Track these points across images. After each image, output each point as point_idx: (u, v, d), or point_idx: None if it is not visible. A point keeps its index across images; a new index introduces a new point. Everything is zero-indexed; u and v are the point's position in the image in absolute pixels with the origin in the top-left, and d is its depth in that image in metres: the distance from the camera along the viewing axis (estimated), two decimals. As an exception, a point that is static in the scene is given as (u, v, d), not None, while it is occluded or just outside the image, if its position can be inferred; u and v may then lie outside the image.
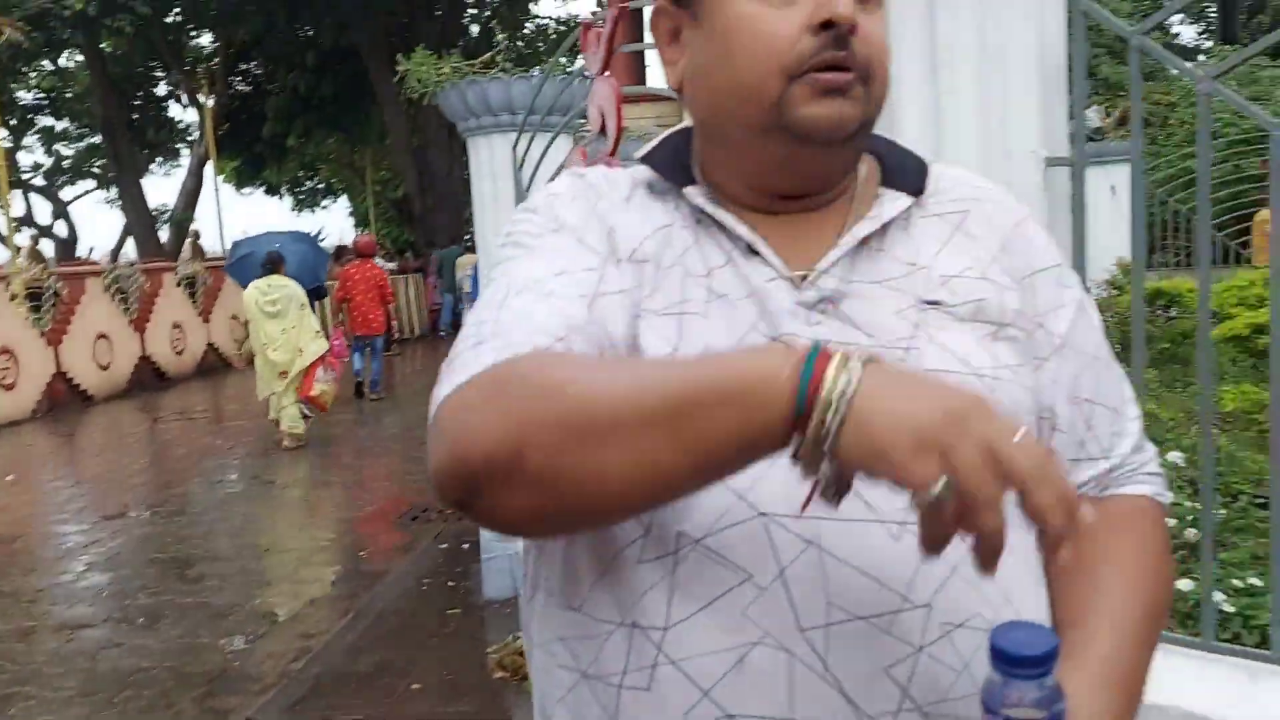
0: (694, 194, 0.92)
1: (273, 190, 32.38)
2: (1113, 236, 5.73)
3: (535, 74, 4.46)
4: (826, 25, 0.82)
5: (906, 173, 0.95)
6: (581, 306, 0.84)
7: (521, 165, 4.12)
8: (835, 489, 0.67)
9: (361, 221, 34.59)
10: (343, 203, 36.81)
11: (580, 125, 3.49)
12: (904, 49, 1.88)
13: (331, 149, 28.29)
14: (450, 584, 5.29)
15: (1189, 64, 2.17)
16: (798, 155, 0.87)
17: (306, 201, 35.06)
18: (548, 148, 3.87)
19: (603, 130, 3.19)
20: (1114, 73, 14.51)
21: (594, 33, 3.24)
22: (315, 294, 11.29)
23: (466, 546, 5.73)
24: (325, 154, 29.08)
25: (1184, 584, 3.16)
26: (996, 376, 0.87)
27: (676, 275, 0.89)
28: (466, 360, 0.80)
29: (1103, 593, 0.87)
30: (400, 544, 6.12)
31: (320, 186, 34.81)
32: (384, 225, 31.00)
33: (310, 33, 22.39)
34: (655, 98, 16.71)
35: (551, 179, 3.70)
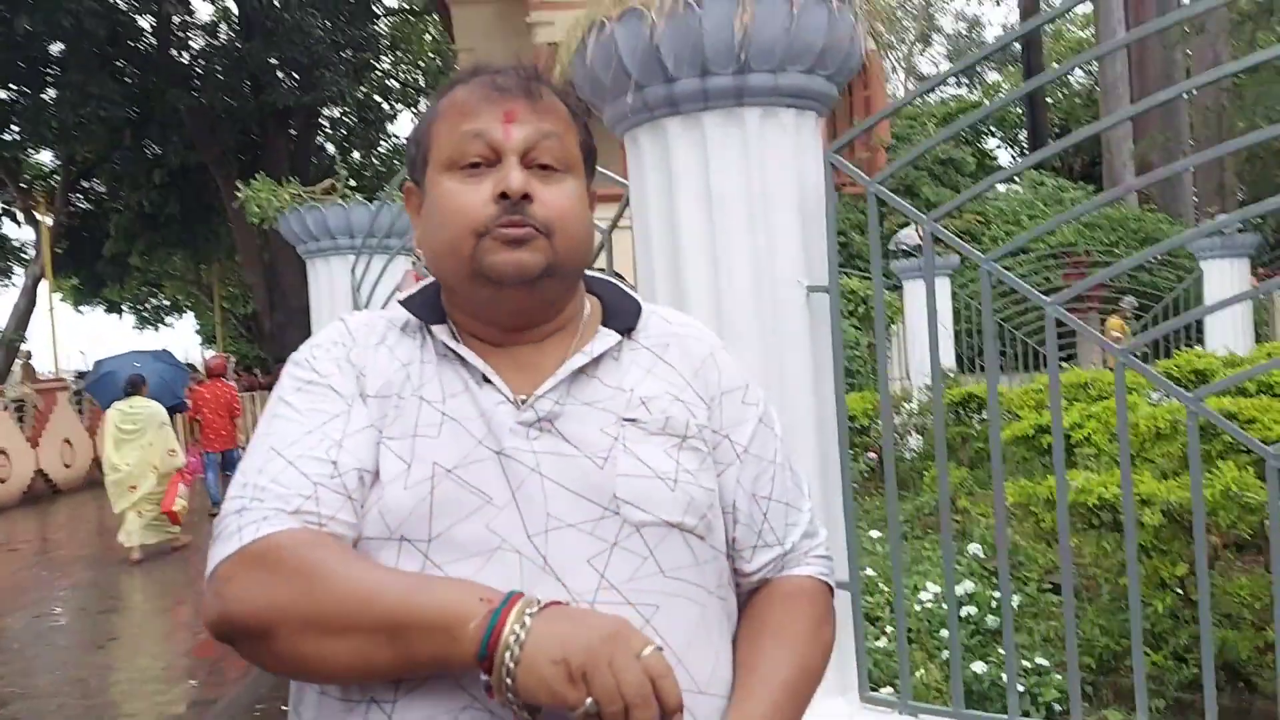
0: (440, 331, 1.11)
1: (114, 308, 31.24)
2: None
3: (375, 202, 4.63)
4: (504, 196, 1.04)
5: (622, 314, 1.17)
6: (326, 463, 1.01)
7: (359, 285, 4.26)
8: (529, 712, 0.88)
9: (209, 339, 33.64)
10: (188, 320, 35.79)
11: (414, 248, 3.66)
12: (683, 197, 2.14)
13: (177, 266, 27.63)
14: (285, 708, 5.15)
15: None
16: (497, 295, 1.07)
17: (150, 319, 33.90)
18: (384, 268, 4.02)
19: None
20: (933, 193, 15.64)
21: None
22: (174, 410, 11.51)
23: (309, 670, 5.60)
24: (170, 271, 28.36)
25: (978, 666, 3.43)
26: (677, 479, 1.06)
27: (413, 404, 1.06)
28: (231, 529, 0.98)
29: (762, 657, 1.07)
30: (237, 667, 5.94)
31: (165, 304, 33.77)
32: (232, 343, 30.24)
33: (158, 151, 22.08)
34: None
35: (386, 300, 3.84)
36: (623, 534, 1.02)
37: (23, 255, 26.64)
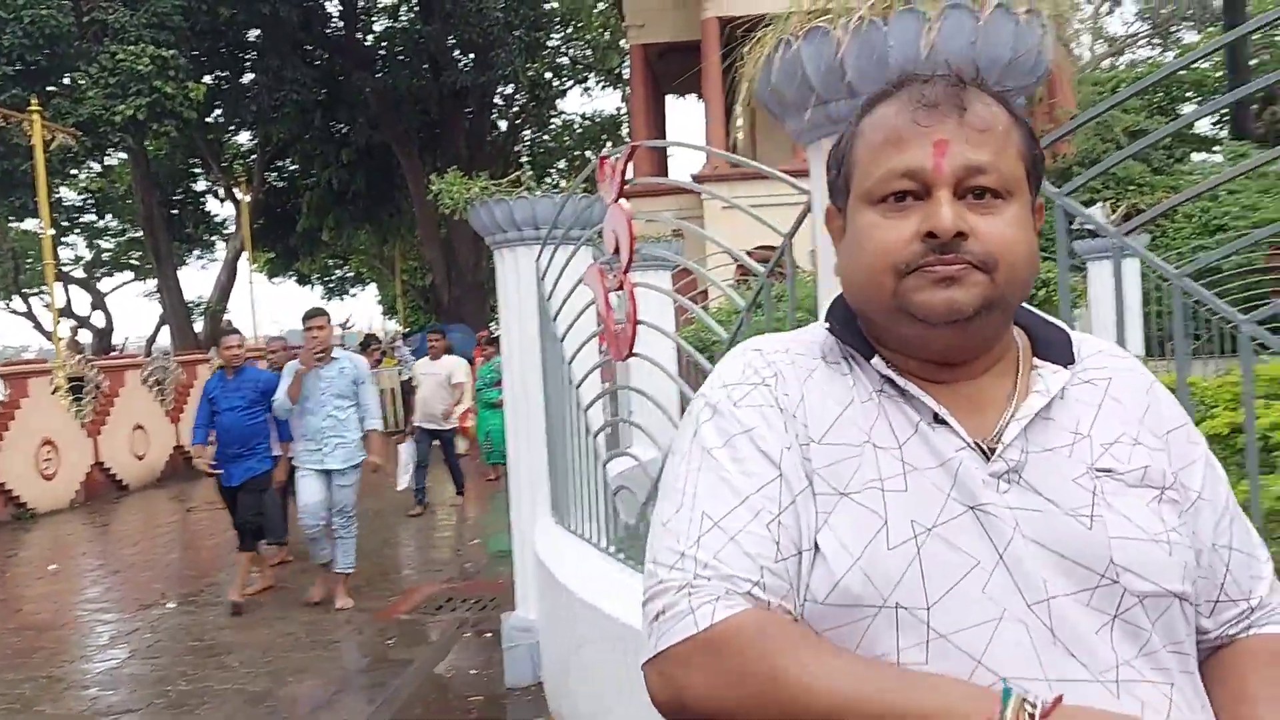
0: (881, 365, 1.02)
1: (304, 280, 33.20)
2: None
3: (557, 195, 4.82)
4: (931, 235, 0.95)
5: (1055, 345, 1.06)
6: (769, 542, 0.94)
7: (544, 276, 4.46)
8: None
9: (390, 309, 35.30)
10: (370, 291, 37.64)
11: (599, 240, 3.82)
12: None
13: (362, 240, 29.08)
14: (473, 672, 5.48)
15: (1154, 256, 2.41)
16: (927, 334, 0.97)
17: (336, 290, 35.87)
18: (569, 259, 4.21)
19: (616, 251, 3.53)
20: (1122, 169, 14.86)
21: (608, 165, 3.59)
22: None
23: (489, 635, 5.94)
24: (356, 245, 29.87)
25: None
26: (1170, 540, 0.96)
27: (869, 452, 0.97)
28: (680, 609, 0.93)
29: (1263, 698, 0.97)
30: (425, 634, 6.34)
31: (349, 275, 35.64)
32: (411, 313, 31.65)
33: (344, 130, 23.28)
34: (677, 190, 17.23)
35: (573, 289, 4.01)
36: (1124, 605, 0.92)
37: (224, 231, 28.64)
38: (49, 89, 16.58)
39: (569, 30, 27.73)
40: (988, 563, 0.92)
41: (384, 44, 24.37)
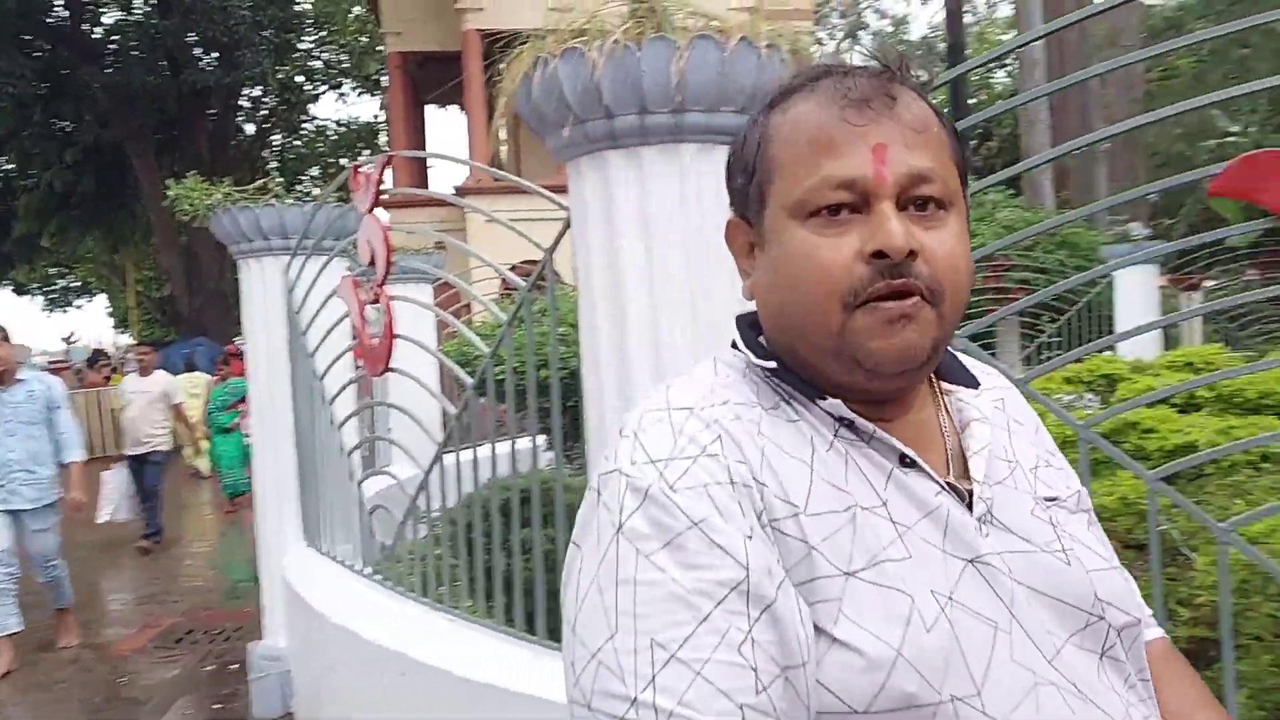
0: (837, 407, 0.85)
1: (21, 290, 30.29)
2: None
3: (297, 190, 4.63)
4: (879, 255, 0.80)
5: (954, 365, 0.96)
6: (745, 670, 0.73)
7: (294, 287, 4.27)
8: None
9: (121, 322, 32.77)
10: (100, 302, 34.84)
11: (354, 251, 3.71)
12: (622, 223, 2.26)
13: (89, 247, 26.88)
14: (217, 706, 5.16)
15: None
16: (869, 383, 0.84)
17: (59, 301, 32.95)
18: (320, 272, 4.05)
19: (372, 263, 3.43)
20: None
21: (362, 175, 3.50)
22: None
23: (234, 667, 5.60)
24: (83, 253, 27.57)
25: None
26: (1118, 565, 0.90)
27: (861, 517, 0.81)
28: None
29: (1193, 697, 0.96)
30: (162, 669, 5.90)
31: (75, 285, 32.83)
32: (146, 326, 29.53)
33: (69, 128, 21.44)
34: (437, 201, 16.98)
35: (325, 301, 3.87)
36: (1108, 641, 0.85)
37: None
38: None
39: (323, 33, 26.82)
40: (1004, 623, 0.80)
41: (115, 37, 22.64)
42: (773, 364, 0.88)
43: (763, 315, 0.91)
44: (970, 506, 0.85)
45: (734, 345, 0.93)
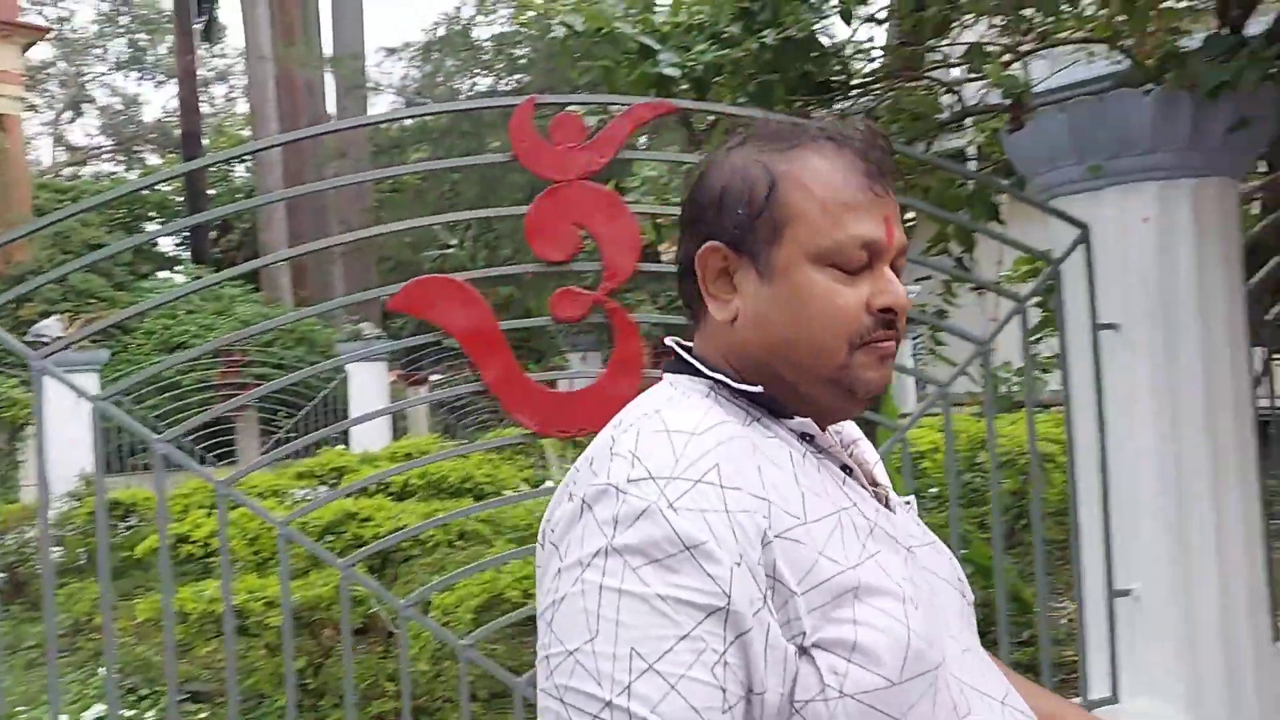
0: (804, 425, 0.96)
1: None
2: (77, 449, 5.72)
3: None
4: (886, 310, 0.94)
5: None
6: (713, 688, 0.80)
7: None
8: None
9: None
10: None
11: None
12: None
13: None
14: None
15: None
16: (847, 406, 0.98)
17: None
18: None
19: None
20: (82, 281, 14.65)
21: None
22: None
23: None
24: None
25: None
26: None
27: (846, 519, 0.91)
28: None
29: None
30: None
31: None
32: None
33: None
34: None
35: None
36: (970, 617, 1.02)
37: None
38: None
39: None
40: (938, 602, 0.95)
41: None
42: (758, 388, 0.96)
43: (744, 340, 0.98)
44: (888, 508, 1.00)
45: (672, 369, 1.01)
